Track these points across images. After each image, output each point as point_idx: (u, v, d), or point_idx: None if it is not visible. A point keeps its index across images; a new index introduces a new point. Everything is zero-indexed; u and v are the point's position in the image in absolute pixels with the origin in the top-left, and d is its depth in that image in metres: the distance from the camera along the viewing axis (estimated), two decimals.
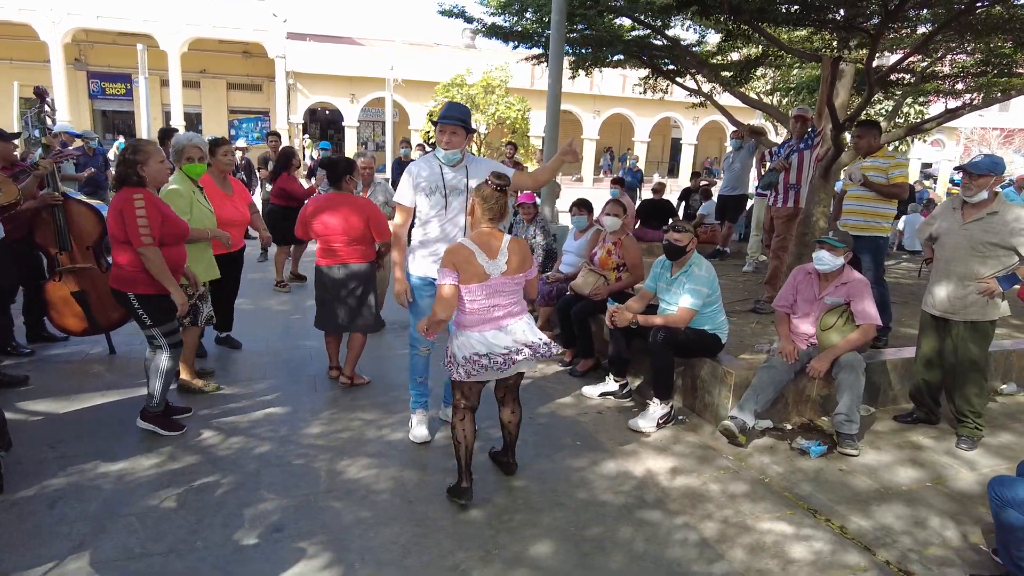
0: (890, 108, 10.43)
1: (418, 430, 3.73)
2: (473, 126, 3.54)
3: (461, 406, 3.11)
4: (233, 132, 26.68)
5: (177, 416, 3.82)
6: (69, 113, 21.65)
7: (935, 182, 29.31)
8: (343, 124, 27.16)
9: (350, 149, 26.20)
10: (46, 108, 4.68)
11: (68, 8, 21.72)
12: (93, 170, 8.89)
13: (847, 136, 6.02)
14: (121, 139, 22.87)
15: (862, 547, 2.91)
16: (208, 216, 4.27)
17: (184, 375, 4.27)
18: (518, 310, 3.06)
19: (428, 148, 12.43)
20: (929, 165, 31.31)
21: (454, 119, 3.38)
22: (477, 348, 2.94)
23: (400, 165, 10.13)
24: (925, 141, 18.90)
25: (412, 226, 3.68)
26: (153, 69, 14.89)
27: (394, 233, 3.63)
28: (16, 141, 5.18)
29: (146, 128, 15.27)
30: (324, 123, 30.54)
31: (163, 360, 3.59)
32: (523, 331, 3.03)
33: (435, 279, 3.38)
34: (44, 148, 4.76)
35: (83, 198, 5.00)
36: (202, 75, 26.39)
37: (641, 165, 30.34)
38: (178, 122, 23.56)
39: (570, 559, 2.73)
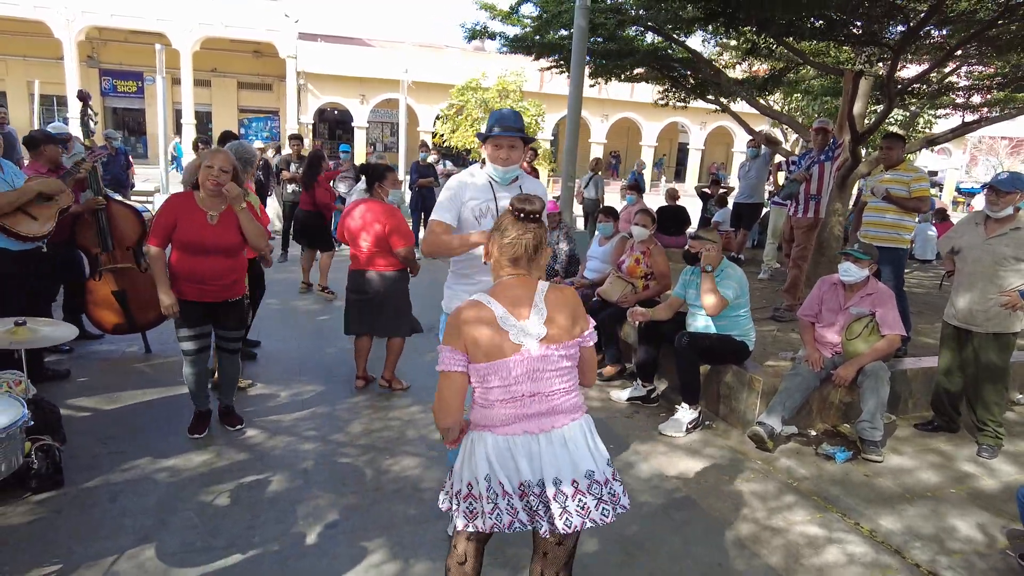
0: (903, 119, 10.56)
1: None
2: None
3: (452, 567, 2.09)
4: (243, 131, 26.86)
5: (229, 425, 3.86)
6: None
7: (941, 190, 29.41)
8: (352, 125, 27.30)
9: (359, 150, 26.33)
10: (89, 111, 4.79)
11: (83, 6, 21.89)
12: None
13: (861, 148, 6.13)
14: (178, 140, 23.13)
15: (892, 550, 3.02)
16: None
17: None
18: (571, 404, 1.95)
19: (440, 152, 12.51)
20: (935, 173, 31.40)
21: (515, 131, 2.78)
22: (484, 467, 1.90)
23: (418, 169, 10.24)
24: (932, 150, 19.02)
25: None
26: (165, 67, 14.98)
27: (433, 242, 2.82)
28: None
29: (161, 127, 15.35)
30: (333, 123, 30.68)
31: (183, 363, 3.69)
32: (575, 447, 1.91)
33: None
34: (85, 149, 4.88)
35: (122, 199, 5.12)
36: (213, 74, 26.55)
37: (648, 169, 30.71)
38: (188, 120, 23.73)
39: (614, 556, 2.84)
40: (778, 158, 8.43)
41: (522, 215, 1.96)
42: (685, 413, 4.17)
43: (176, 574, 2.59)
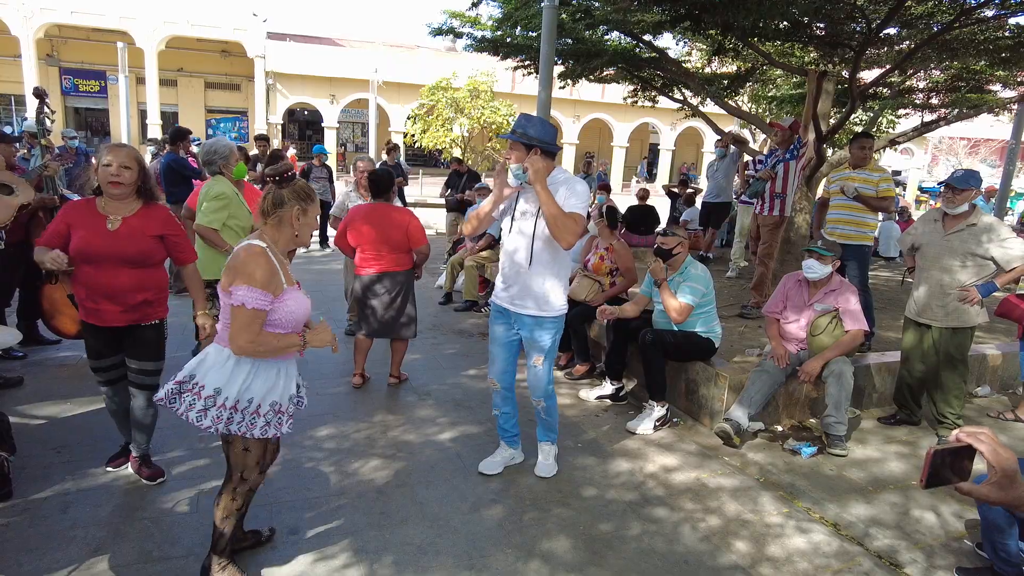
0: (865, 120, 10.78)
1: (487, 461, 3.52)
2: (546, 143, 3.03)
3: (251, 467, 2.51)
4: (210, 132, 26.38)
5: (147, 479, 3.24)
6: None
7: (904, 189, 30.11)
8: (323, 125, 27.00)
9: (329, 150, 26.02)
10: (46, 109, 4.65)
11: (41, 3, 21.29)
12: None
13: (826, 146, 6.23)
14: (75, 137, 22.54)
15: (854, 541, 3.06)
16: (247, 217, 4.33)
17: None
18: None
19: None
20: (898, 173, 32.16)
21: (509, 134, 3.06)
22: (274, 388, 2.43)
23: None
24: (896, 150, 19.48)
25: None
26: (129, 66, 14.62)
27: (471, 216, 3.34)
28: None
29: (125, 127, 14.97)
30: (303, 124, 30.31)
31: None
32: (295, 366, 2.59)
33: (505, 308, 3.26)
34: (43, 149, 4.74)
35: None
36: (179, 73, 26.04)
37: (620, 170, 30.95)
38: (154, 121, 23.23)
39: (583, 554, 2.83)
40: (746, 157, 8.54)
41: (278, 178, 2.33)
42: (653, 410, 4.18)
43: None
